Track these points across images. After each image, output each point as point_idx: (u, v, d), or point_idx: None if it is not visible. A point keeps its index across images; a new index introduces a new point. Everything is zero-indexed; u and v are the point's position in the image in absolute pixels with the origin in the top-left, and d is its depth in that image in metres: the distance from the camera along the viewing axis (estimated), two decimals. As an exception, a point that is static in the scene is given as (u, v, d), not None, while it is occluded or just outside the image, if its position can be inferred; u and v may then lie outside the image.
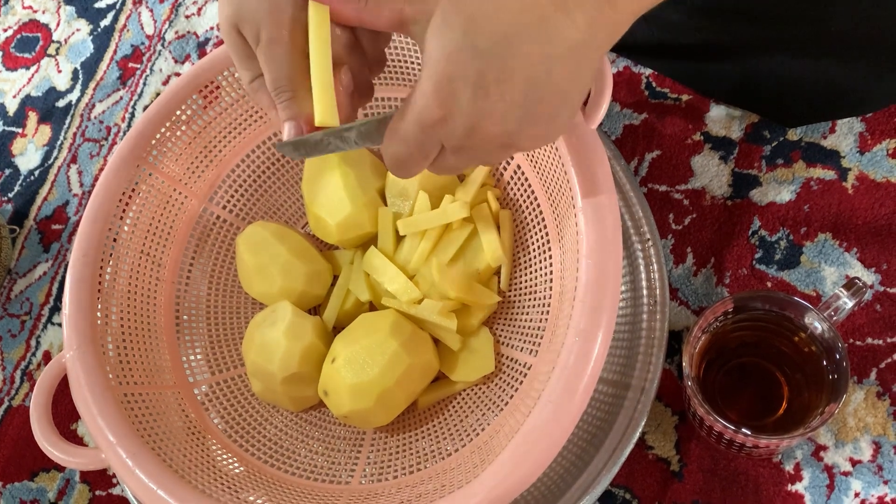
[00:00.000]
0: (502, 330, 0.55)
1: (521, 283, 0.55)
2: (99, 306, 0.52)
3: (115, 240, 0.54)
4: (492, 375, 0.54)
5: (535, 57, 0.32)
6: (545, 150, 0.50)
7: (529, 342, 0.52)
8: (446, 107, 0.33)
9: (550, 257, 0.52)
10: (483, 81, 0.32)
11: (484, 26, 0.32)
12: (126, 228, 0.55)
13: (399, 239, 0.57)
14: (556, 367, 0.41)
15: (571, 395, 0.40)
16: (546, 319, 0.50)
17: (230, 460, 0.53)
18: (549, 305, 0.51)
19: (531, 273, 0.54)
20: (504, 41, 0.32)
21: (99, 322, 0.52)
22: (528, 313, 0.53)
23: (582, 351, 0.40)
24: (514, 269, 0.56)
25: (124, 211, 0.55)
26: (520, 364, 0.52)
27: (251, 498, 0.49)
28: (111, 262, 0.54)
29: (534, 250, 0.54)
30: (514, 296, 0.55)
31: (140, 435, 0.48)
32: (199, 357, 0.58)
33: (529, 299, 0.54)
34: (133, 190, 0.55)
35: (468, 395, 0.54)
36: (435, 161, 0.37)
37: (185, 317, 0.58)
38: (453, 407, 0.54)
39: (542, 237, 0.53)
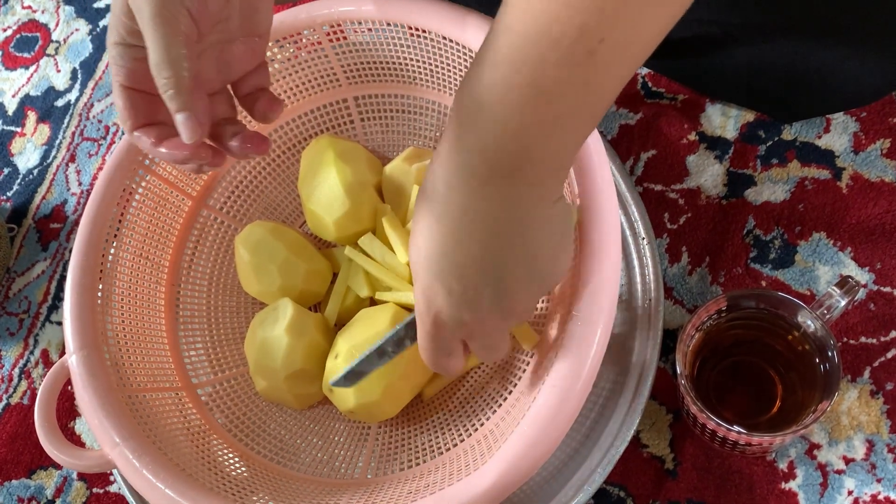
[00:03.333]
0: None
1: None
2: (100, 309, 0.53)
3: (113, 243, 0.55)
4: (495, 365, 0.54)
5: (468, 246, 0.36)
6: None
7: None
8: (430, 314, 0.39)
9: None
10: (442, 277, 0.37)
11: (424, 242, 0.38)
12: (125, 231, 0.55)
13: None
14: (559, 353, 0.41)
15: (576, 379, 0.40)
16: (547, 308, 0.51)
17: (236, 459, 0.53)
18: (550, 293, 0.51)
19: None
20: (441, 245, 0.37)
21: (100, 325, 0.52)
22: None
23: (584, 335, 0.41)
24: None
25: (122, 214, 0.55)
26: (523, 353, 0.52)
27: (259, 495, 0.49)
28: (111, 265, 0.54)
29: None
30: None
31: (146, 435, 0.48)
32: (201, 357, 0.58)
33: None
34: (130, 193, 0.55)
35: (473, 385, 0.55)
36: (470, 352, 0.42)
37: (186, 318, 0.59)
38: (458, 397, 0.55)
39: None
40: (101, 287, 0.53)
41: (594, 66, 0.31)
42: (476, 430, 0.51)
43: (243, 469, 0.52)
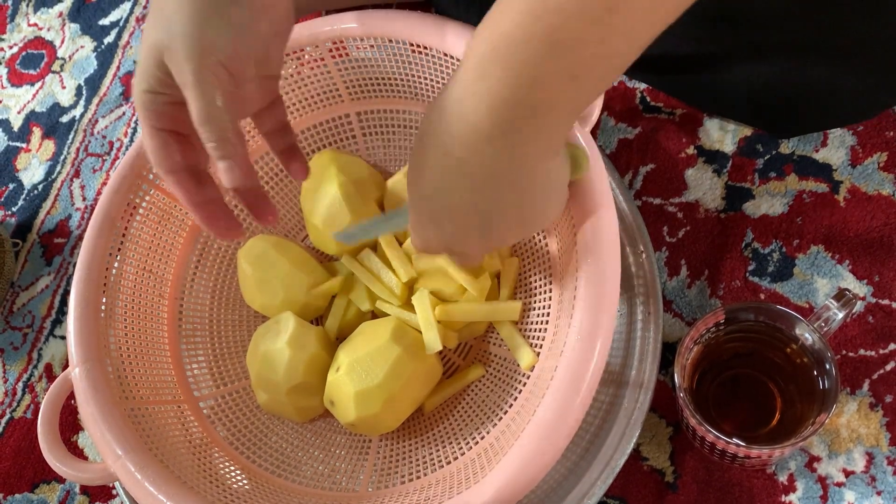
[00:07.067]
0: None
1: (520, 287, 0.55)
2: (103, 322, 0.53)
3: (117, 257, 0.55)
4: (496, 379, 0.54)
5: (463, 193, 0.38)
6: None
7: (531, 345, 0.52)
8: (423, 241, 0.43)
9: (549, 259, 0.53)
10: (435, 217, 0.41)
11: (422, 183, 0.40)
12: (128, 245, 0.56)
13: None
14: (560, 366, 0.41)
15: (576, 392, 0.41)
16: (547, 321, 0.51)
17: (238, 472, 0.53)
18: (549, 307, 0.51)
19: (530, 277, 0.55)
20: (437, 188, 0.39)
21: (103, 338, 0.52)
22: (528, 316, 0.54)
23: (584, 348, 0.41)
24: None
25: (126, 228, 0.56)
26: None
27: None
28: (114, 279, 0.55)
29: (532, 254, 0.55)
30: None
31: (148, 448, 0.48)
32: (203, 370, 0.58)
33: (529, 303, 0.54)
34: (134, 207, 0.56)
35: (473, 398, 0.55)
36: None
37: (188, 331, 0.59)
38: (458, 411, 0.55)
39: (539, 240, 0.54)
40: (104, 300, 0.53)
41: (612, 23, 0.31)
42: (476, 443, 0.51)
43: (245, 482, 0.52)
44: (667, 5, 0.31)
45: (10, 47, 0.88)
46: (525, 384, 0.51)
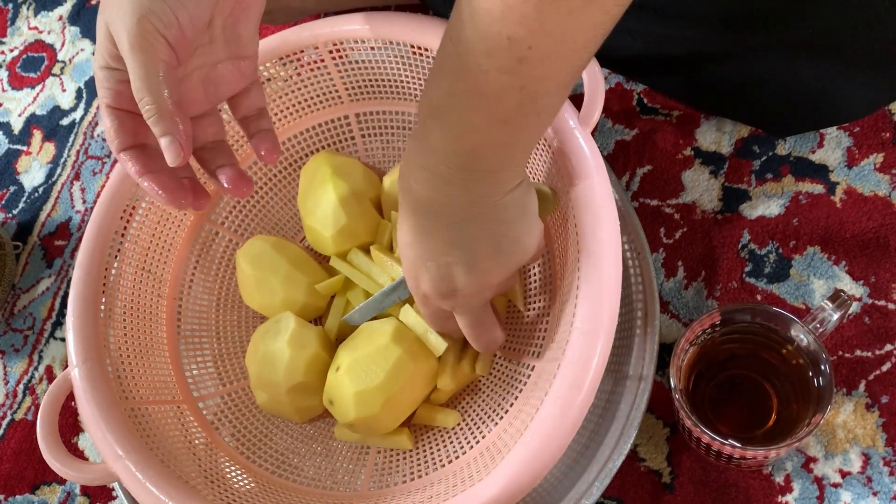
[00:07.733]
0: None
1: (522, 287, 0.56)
2: (102, 322, 0.53)
3: (116, 257, 0.55)
4: (496, 379, 0.55)
5: (438, 231, 0.41)
6: (541, 161, 0.51)
7: (532, 344, 0.52)
8: (420, 294, 0.45)
9: (551, 259, 0.53)
10: (421, 259, 0.43)
11: (404, 231, 0.43)
12: (127, 245, 0.56)
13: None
14: (562, 365, 0.42)
15: (578, 390, 0.41)
16: (548, 321, 0.51)
17: (238, 472, 0.53)
18: (550, 307, 0.52)
19: (531, 277, 0.55)
20: (416, 232, 0.42)
21: (103, 337, 0.53)
22: (528, 316, 0.54)
23: (587, 347, 0.41)
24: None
25: (125, 228, 0.56)
26: (524, 366, 0.52)
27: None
28: (113, 279, 0.55)
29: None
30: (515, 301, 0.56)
31: (149, 448, 0.49)
32: (202, 371, 0.59)
33: (530, 303, 0.54)
34: (133, 208, 0.56)
35: (473, 398, 0.55)
36: (458, 324, 0.47)
37: (187, 332, 0.59)
38: (459, 410, 0.55)
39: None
40: (103, 300, 0.54)
41: (526, 71, 0.34)
42: (478, 442, 0.51)
43: (246, 481, 0.53)
44: (572, 48, 0.34)
45: (11, 50, 0.89)
46: (526, 384, 0.51)
